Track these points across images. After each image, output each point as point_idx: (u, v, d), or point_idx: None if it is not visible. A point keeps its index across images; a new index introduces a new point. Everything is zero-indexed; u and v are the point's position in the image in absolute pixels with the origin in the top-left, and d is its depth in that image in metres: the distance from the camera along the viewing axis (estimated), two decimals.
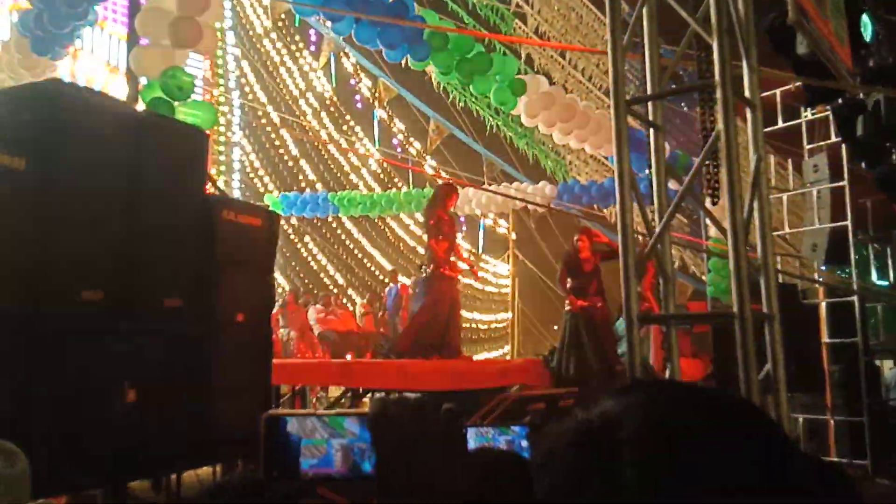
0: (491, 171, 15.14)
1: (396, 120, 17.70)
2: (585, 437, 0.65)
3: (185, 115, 5.61)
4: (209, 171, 5.04)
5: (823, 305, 8.04)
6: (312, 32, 16.55)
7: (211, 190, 5.15)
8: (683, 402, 0.66)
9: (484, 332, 21.39)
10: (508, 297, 16.65)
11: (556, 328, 12.66)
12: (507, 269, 17.76)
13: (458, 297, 8.50)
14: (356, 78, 17.78)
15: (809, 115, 8.41)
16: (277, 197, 15.96)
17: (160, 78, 5.61)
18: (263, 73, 17.55)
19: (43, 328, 3.38)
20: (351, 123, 18.42)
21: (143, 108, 5.56)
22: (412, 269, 16.65)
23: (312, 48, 17.49)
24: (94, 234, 3.64)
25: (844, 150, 7.59)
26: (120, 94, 6.99)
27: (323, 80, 17.85)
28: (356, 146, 18.07)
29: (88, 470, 3.54)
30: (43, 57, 7.34)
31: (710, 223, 6.35)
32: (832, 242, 7.75)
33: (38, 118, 3.53)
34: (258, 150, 17.49)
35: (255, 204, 8.30)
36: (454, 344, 8.16)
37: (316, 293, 14.83)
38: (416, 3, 8.39)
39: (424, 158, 16.62)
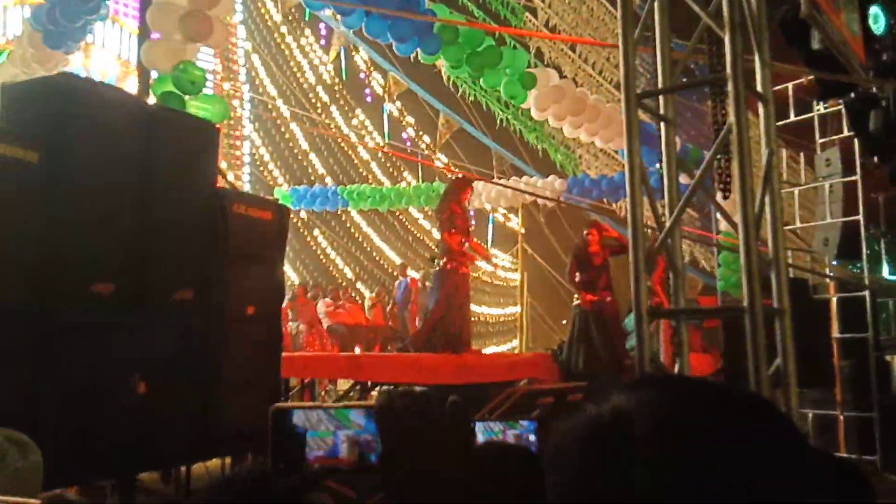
0: (500, 165, 15.11)
1: (406, 114, 17.69)
2: (595, 432, 0.65)
3: (196, 108, 5.61)
4: (219, 164, 5.05)
5: (834, 300, 7.98)
6: (322, 26, 16.53)
7: (221, 183, 5.16)
8: (694, 398, 0.66)
9: (493, 325, 21.38)
10: (517, 290, 16.65)
11: (564, 322, 12.66)
12: (510, 262, 17.78)
13: (469, 290, 8.50)
14: (366, 72, 17.77)
15: (822, 108, 8.35)
16: (287, 190, 15.98)
17: (172, 72, 5.62)
18: (274, 66, 17.55)
19: (55, 322, 3.40)
20: (361, 118, 18.41)
21: (154, 101, 5.58)
22: (421, 262, 16.65)
23: (323, 42, 17.48)
24: (105, 227, 3.66)
25: (857, 144, 7.53)
26: (132, 88, 7.02)
27: (333, 73, 17.85)
28: (366, 140, 18.06)
29: (98, 463, 3.56)
30: (56, 51, 7.37)
31: (720, 217, 6.32)
32: (844, 237, 7.71)
33: (50, 112, 3.55)
34: (268, 143, 17.51)
35: (265, 197, 8.30)
36: (464, 337, 8.18)
37: (325, 286, 14.83)
38: None
39: (434, 152, 16.60)
